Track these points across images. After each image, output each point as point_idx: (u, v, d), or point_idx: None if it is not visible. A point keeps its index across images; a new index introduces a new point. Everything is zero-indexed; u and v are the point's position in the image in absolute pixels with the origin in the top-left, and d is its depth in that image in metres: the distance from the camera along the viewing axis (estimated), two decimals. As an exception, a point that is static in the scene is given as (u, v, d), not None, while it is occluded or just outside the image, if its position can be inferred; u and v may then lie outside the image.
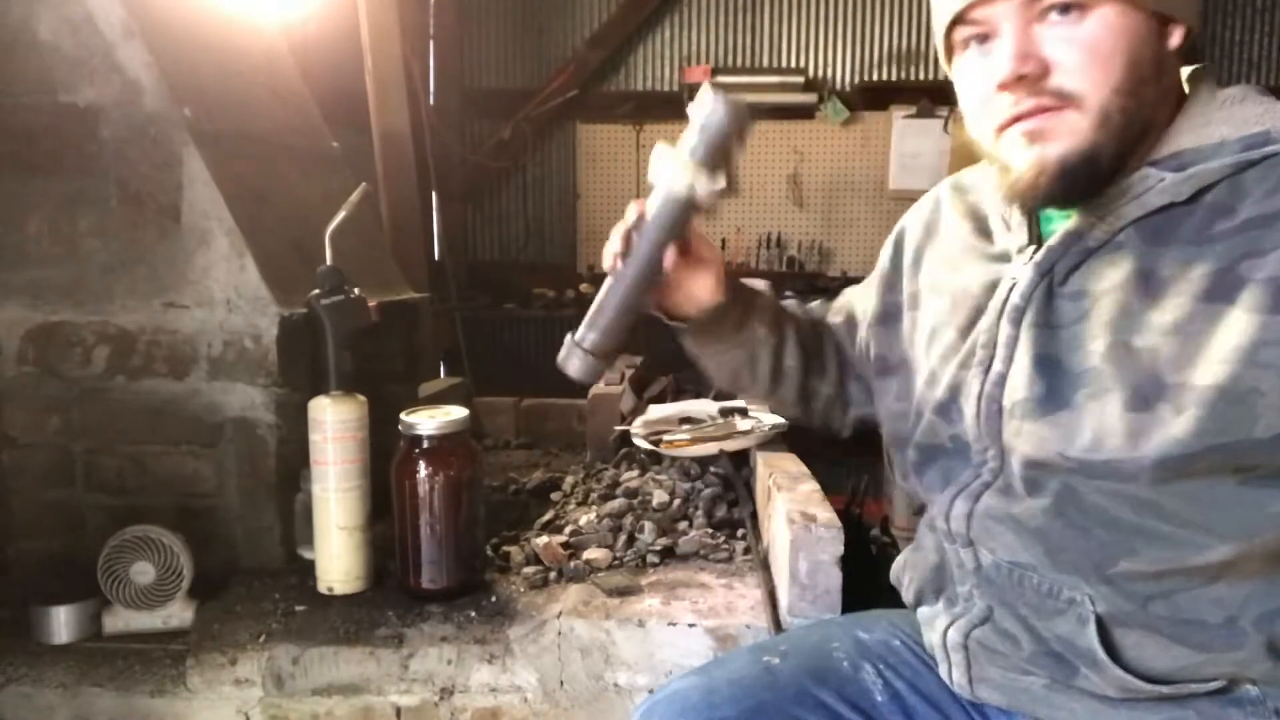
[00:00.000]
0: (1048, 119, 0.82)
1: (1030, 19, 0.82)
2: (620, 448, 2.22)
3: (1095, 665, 0.88)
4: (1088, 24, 0.80)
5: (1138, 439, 0.80)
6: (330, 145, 2.19)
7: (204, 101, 1.72)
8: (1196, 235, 0.82)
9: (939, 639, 1.01)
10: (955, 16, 0.86)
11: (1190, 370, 0.79)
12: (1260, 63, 5.41)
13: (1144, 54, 0.82)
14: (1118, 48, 0.80)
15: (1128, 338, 0.82)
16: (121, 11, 1.63)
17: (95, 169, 1.65)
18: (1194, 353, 0.79)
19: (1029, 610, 0.93)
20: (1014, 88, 0.82)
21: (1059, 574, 0.90)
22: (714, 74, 5.36)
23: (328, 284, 1.59)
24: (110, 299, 1.65)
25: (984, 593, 0.96)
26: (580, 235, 5.68)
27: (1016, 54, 0.81)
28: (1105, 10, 0.80)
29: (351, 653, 1.42)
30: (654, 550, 1.65)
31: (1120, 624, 0.88)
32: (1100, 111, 0.81)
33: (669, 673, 1.41)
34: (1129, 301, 0.83)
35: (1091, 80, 0.80)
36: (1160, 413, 0.80)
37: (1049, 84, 0.81)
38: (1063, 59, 0.81)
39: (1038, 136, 0.83)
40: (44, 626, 1.51)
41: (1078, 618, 0.89)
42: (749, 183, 5.60)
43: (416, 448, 1.48)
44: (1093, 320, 0.85)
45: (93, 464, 1.67)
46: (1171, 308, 0.81)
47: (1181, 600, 0.85)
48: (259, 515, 1.66)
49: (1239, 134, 0.83)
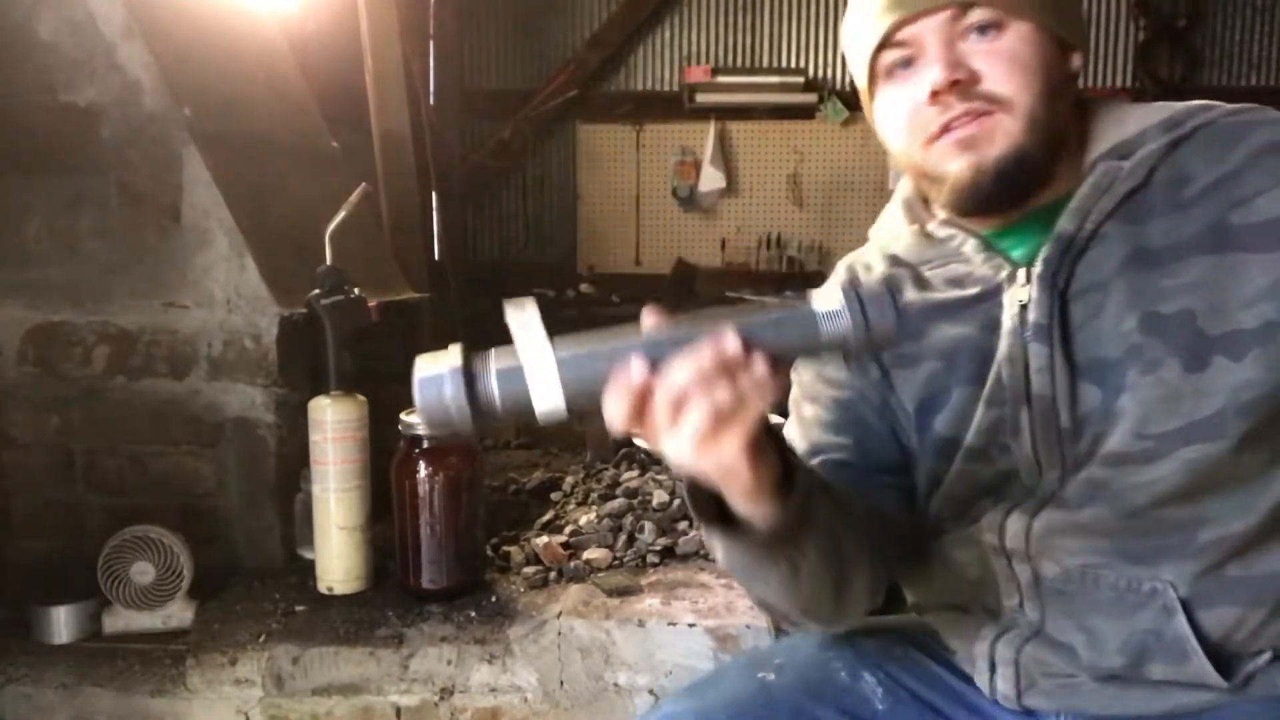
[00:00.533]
0: (981, 124, 0.86)
1: (954, 37, 0.86)
2: (620, 448, 2.22)
3: (1183, 655, 0.88)
4: (1006, 38, 0.86)
5: (1208, 396, 0.83)
6: (330, 145, 2.19)
7: (204, 101, 1.72)
8: (1168, 206, 0.87)
9: (985, 649, 0.99)
10: (882, 40, 0.89)
11: (1230, 318, 0.83)
12: (1260, 63, 5.41)
13: (1054, 70, 0.88)
14: (1035, 60, 0.86)
15: (1155, 307, 0.85)
16: (121, 11, 1.63)
17: (95, 169, 1.65)
18: (1226, 301, 0.83)
19: (1102, 613, 0.91)
20: (946, 94, 0.85)
21: (1136, 567, 0.89)
22: (714, 74, 5.37)
23: (328, 284, 1.59)
24: (110, 299, 1.65)
25: (1036, 605, 0.95)
26: (580, 235, 5.68)
27: (948, 63, 0.85)
28: (1020, 27, 0.86)
29: (351, 653, 1.42)
30: (654, 550, 1.65)
31: (1203, 604, 0.88)
32: (1028, 115, 0.86)
33: (669, 673, 1.41)
34: (1139, 278, 0.86)
35: (1017, 85, 0.86)
36: (1218, 365, 0.83)
37: (980, 89, 0.86)
38: (989, 69, 0.86)
39: (971, 143, 0.87)
40: (44, 626, 1.51)
41: (1162, 607, 0.89)
42: (749, 183, 5.60)
43: (416, 448, 1.48)
44: (1110, 307, 0.87)
45: (93, 464, 1.68)
46: (1183, 269, 0.84)
47: (1253, 558, 0.88)
48: (259, 515, 1.66)
49: (1149, 121, 0.90)
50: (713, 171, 5.48)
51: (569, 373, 0.69)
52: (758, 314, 0.73)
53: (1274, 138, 0.86)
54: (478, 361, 0.71)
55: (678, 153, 5.58)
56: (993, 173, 0.87)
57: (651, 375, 0.69)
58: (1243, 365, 0.82)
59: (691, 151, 5.56)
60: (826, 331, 0.73)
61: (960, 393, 0.95)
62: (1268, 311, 0.82)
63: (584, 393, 0.70)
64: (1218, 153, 0.87)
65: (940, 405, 0.97)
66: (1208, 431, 0.84)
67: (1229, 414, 0.83)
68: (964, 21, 0.86)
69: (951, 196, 0.90)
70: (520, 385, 0.69)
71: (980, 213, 0.92)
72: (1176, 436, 0.84)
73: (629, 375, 0.69)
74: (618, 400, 0.70)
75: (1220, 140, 0.87)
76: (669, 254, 5.58)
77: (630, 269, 5.57)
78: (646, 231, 5.67)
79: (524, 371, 0.69)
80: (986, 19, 0.86)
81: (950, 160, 0.88)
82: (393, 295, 2.05)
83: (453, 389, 0.69)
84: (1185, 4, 5.35)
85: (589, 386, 0.70)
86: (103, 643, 1.51)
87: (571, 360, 0.70)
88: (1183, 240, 0.85)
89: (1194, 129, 0.88)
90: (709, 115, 5.44)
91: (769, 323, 0.72)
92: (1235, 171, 0.85)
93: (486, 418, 0.70)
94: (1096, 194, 0.88)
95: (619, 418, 0.70)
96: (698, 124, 5.51)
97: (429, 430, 0.72)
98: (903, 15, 0.87)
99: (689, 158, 5.56)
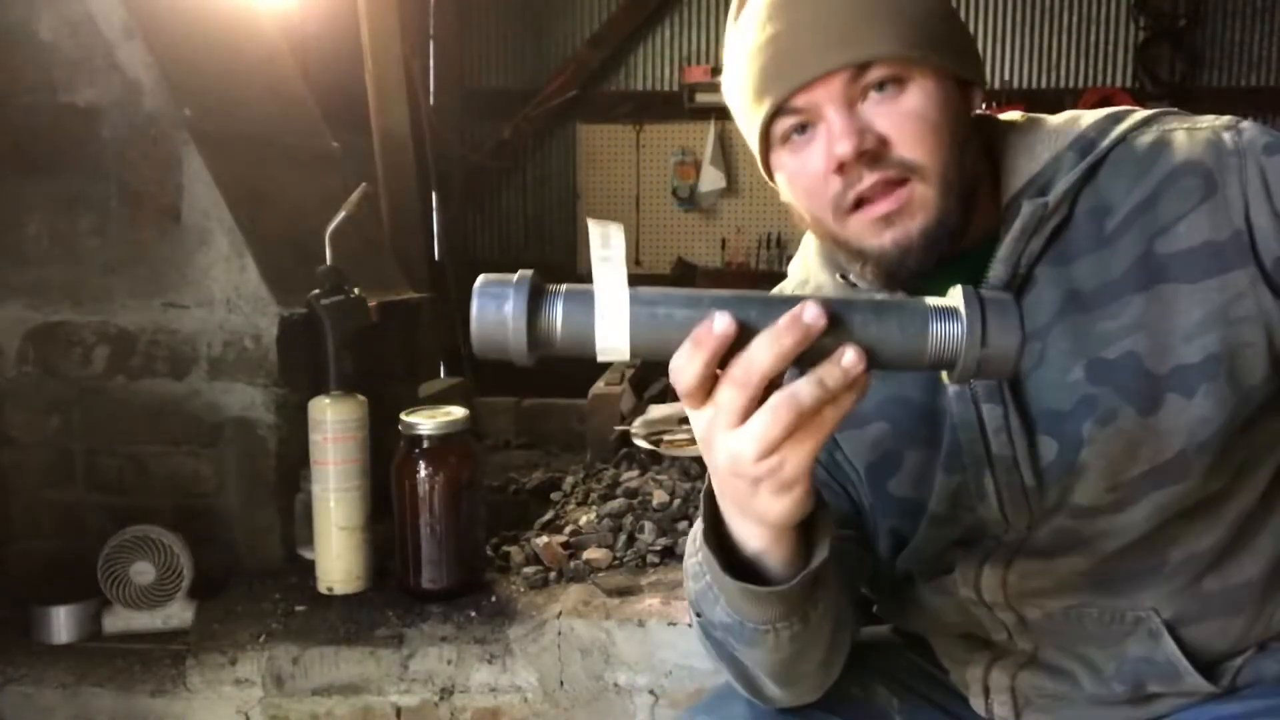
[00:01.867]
0: (898, 198, 0.80)
1: (853, 98, 0.79)
2: (620, 448, 2.22)
3: (1176, 675, 0.88)
4: (909, 97, 0.80)
5: (1166, 437, 0.81)
6: (330, 145, 2.19)
7: (204, 101, 1.72)
8: (1094, 241, 0.84)
9: (978, 674, 0.98)
10: (776, 107, 0.81)
11: (1174, 353, 0.81)
12: (1260, 63, 5.41)
13: (960, 117, 0.82)
14: (942, 116, 0.80)
15: (1100, 353, 0.82)
16: (121, 11, 1.63)
17: (95, 169, 1.65)
18: (1167, 336, 0.81)
19: (1093, 643, 0.91)
20: (853, 166, 0.79)
21: (1117, 599, 0.89)
22: (714, 74, 5.36)
23: (328, 284, 1.59)
24: (110, 299, 1.65)
25: (1027, 638, 0.94)
26: (580, 235, 5.68)
27: (852, 131, 0.78)
28: (922, 82, 0.80)
29: (351, 653, 1.42)
30: (654, 550, 1.65)
31: (1187, 622, 0.89)
32: (942, 179, 0.80)
33: (669, 673, 1.41)
34: (1077, 323, 0.83)
35: (928, 149, 0.79)
36: (1171, 403, 0.81)
37: (891, 156, 0.79)
38: (895, 132, 0.79)
39: (893, 218, 0.81)
40: (44, 626, 1.51)
41: (1149, 633, 0.88)
42: (749, 183, 5.60)
43: (416, 448, 1.48)
44: (1053, 356, 0.84)
45: (93, 464, 1.67)
46: (1119, 310, 0.82)
47: (1227, 569, 0.88)
48: (259, 515, 1.66)
49: (1060, 146, 0.86)
50: (713, 171, 5.48)
51: (642, 312, 0.62)
52: (858, 296, 0.64)
53: (1188, 155, 0.82)
54: (546, 288, 0.64)
55: (678, 153, 5.58)
56: (920, 248, 0.81)
57: (736, 338, 0.60)
58: (1195, 403, 0.81)
59: (691, 151, 5.56)
60: (935, 333, 0.62)
61: (914, 456, 0.91)
62: (1208, 344, 0.80)
63: (653, 339, 0.62)
64: (1134, 175, 0.83)
65: (893, 468, 0.93)
66: (1173, 474, 0.82)
67: (1189, 454, 0.81)
68: (862, 81, 0.79)
69: (878, 271, 0.84)
70: (586, 314, 0.62)
71: (909, 283, 0.84)
72: (1143, 482, 0.83)
73: (710, 330, 0.60)
74: (691, 357, 0.61)
75: (1135, 160, 0.84)
76: (669, 254, 5.59)
77: (630, 269, 5.55)
78: (646, 231, 5.68)
79: (594, 299, 0.62)
80: (886, 75, 0.79)
81: (871, 237, 0.82)
82: (393, 295, 2.05)
83: (515, 306, 0.62)
84: (1185, 4, 5.36)
85: (660, 334, 0.62)
86: (103, 643, 1.51)
87: (648, 299, 0.62)
88: (1113, 279, 0.82)
89: (1107, 151, 0.85)
90: (709, 115, 5.44)
91: (868, 305, 0.63)
92: (1153, 196, 0.82)
93: (542, 345, 0.63)
94: (1024, 237, 0.83)
95: (687, 378, 0.61)
96: (698, 124, 5.51)
97: (477, 351, 0.64)
98: (796, 83, 0.80)
99: (689, 158, 5.56)
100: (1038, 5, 5.51)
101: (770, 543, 0.70)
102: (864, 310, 0.62)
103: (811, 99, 0.80)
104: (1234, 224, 0.80)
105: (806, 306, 0.60)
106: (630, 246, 5.64)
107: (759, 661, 0.80)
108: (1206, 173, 0.81)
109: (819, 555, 0.71)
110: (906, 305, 0.64)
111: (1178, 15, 5.38)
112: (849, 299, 0.63)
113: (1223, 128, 0.84)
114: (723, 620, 0.77)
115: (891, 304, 0.64)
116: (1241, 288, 0.80)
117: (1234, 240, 0.80)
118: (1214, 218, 0.80)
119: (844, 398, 0.61)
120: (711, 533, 0.73)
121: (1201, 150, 0.82)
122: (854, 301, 0.63)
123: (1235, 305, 0.80)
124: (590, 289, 0.63)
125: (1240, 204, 0.80)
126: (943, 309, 0.63)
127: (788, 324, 0.60)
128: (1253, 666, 0.91)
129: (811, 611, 0.75)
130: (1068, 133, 0.87)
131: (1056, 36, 5.54)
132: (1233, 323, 0.80)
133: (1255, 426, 0.84)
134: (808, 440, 0.62)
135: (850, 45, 0.78)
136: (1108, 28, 5.48)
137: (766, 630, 0.75)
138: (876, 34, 0.78)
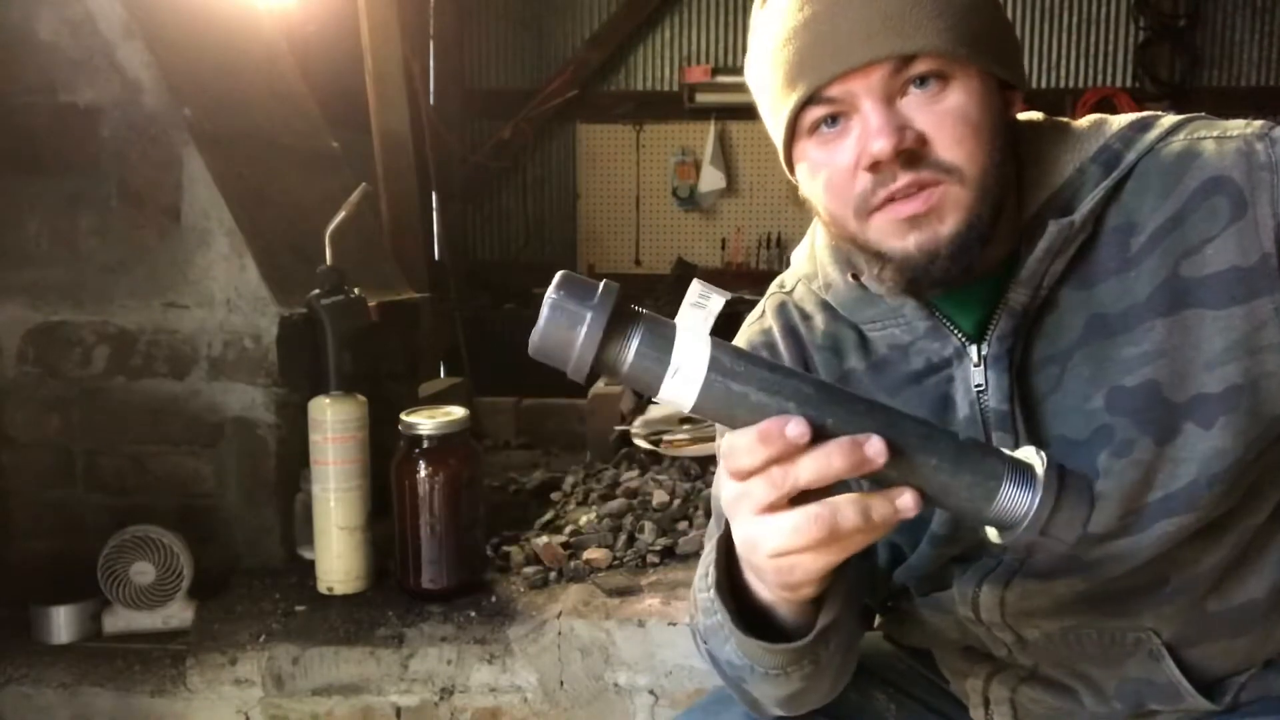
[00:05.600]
0: (929, 198, 0.75)
1: (892, 93, 0.75)
2: (620, 448, 2.22)
3: (1177, 696, 0.88)
4: (952, 95, 0.75)
5: (1181, 464, 0.78)
6: (330, 145, 2.19)
7: (204, 101, 1.72)
8: (1118, 262, 0.80)
9: (978, 686, 0.97)
10: (808, 95, 0.76)
11: (1194, 381, 0.78)
12: (1260, 63, 5.41)
13: (1001, 121, 0.78)
14: (984, 118, 0.76)
15: (1120, 381, 0.80)
16: (121, 11, 1.63)
17: (95, 169, 1.65)
18: (1189, 364, 0.77)
19: (1093, 662, 0.90)
20: (889, 164, 0.74)
21: (1117, 620, 0.88)
22: (714, 74, 5.37)
23: (328, 284, 1.60)
24: (110, 299, 1.65)
25: (1027, 655, 0.93)
26: (580, 235, 5.68)
27: (892, 128, 0.73)
28: (966, 81, 0.76)
29: (351, 653, 1.42)
30: (654, 550, 1.65)
31: (1189, 644, 0.87)
32: (980, 184, 0.76)
33: (669, 673, 1.41)
34: (1099, 350, 0.80)
35: (968, 151, 0.75)
36: (1189, 432, 0.78)
37: (929, 157, 0.75)
38: (935, 132, 0.75)
39: (920, 220, 0.76)
40: (44, 626, 1.51)
41: (1149, 654, 0.87)
42: (749, 183, 5.60)
43: (416, 448, 1.48)
44: (1071, 383, 0.82)
45: (93, 464, 1.67)
46: (1141, 336, 0.79)
47: (1230, 589, 0.86)
48: (259, 515, 1.66)
49: (1084, 156, 0.82)
50: (713, 171, 5.48)
51: (716, 380, 0.60)
52: (944, 441, 0.60)
53: (1217, 169, 0.78)
54: (628, 312, 0.60)
55: (677, 153, 5.58)
56: (946, 254, 0.76)
57: (805, 445, 0.58)
58: (1212, 434, 0.77)
59: (691, 151, 5.56)
60: (1003, 502, 0.59)
61: None
62: (1230, 374, 0.77)
63: (719, 409, 0.61)
64: (1160, 191, 0.79)
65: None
66: (1183, 504, 0.79)
67: (1200, 485, 0.78)
68: (905, 74, 0.74)
69: (897, 276, 0.79)
70: (660, 362, 0.60)
71: (929, 292, 0.82)
72: (1156, 509, 0.80)
73: (782, 433, 0.58)
74: (750, 450, 0.59)
75: (1161, 174, 0.80)
76: (669, 254, 5.58)
77: (630, 269, 5.57)
78: (646, 231, 5.67)
79: (673, 349, 0.60)
80: (930, 70, 0.74)
81: (895, 238, 0.77)
82: (393, 295, 2.05)
83: (589, 333, 0.59)
84: (1185, 4, 5.35)
85: (728, 408, 0.60)
86: (103, 643, 1.51)
87: (728, 369, 0.60)
88: (1138, 303, 0.79)
89: (1132, 166, 0.80)
90: (709, 115, 5.44)
91: (950, 447, 0.60)
92: (1180, 214, 0.78)
93: (603, 370, 0.61)
94: (1048, 258, 0.80)
95: (738, 464, 0.60)
96: (698, 124, 5.51)
97: (532, 351, 0.61)
98: (834, 71, 0.74)
99: (689, 158, 5.56)
100: (1038, 5, 5.50)
101: (780, 601, 0.71)
102: (943, 452, 0.59)
103: (848, 89, 0.75)
104: (1263, 247, 0.76)
105: (871, 441, 0.57)
106: (630, 247, 5.65)
107: (768, 695, 0.80)
108: (1236, 191, 0.77)
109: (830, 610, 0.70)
110: (985, 461, 0.60)
111: (1178, 15, 5.37)
112: (937, 430, 0.60)
113: (1255, 137, 0.78)
114: (732, 660, 0.77)
115: (971, 451, 0.61)
116: (1266, 315, 0.76)
117: (1261, 264, 0.76)
118: (1242, 241, 0.76)
119: (883, 530, 0.59)
120: (724, 576, 0.73)
121: (1231, 163, 0.78)
122: (936, 437, 0.60)
123: (1259, 334, 0.76)
124: (670, 328, 0.61)
125: (1270, 225, 0.76)
126: (1020, 474, 0.60)
127: (845, 449, 0.57)
128: (1257, 683, 0.90)
129: (823, 652, 0.75)
130: (1092, 143, 0.82)
131: (1056, 37, 5.53)
132: (1256, 352, 0.77)
133: (1268, 451, 0.81)
134: (827, 556, 0.61)
135: (896, 35, 0.73)
136: (1108, 28, 5.48)
137: (778, 674, 0.75)
138: (925, 25, 0.74)
